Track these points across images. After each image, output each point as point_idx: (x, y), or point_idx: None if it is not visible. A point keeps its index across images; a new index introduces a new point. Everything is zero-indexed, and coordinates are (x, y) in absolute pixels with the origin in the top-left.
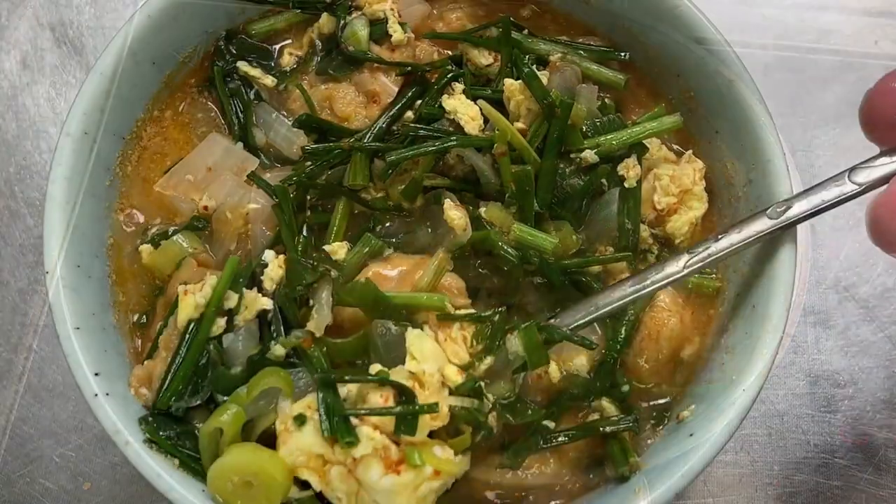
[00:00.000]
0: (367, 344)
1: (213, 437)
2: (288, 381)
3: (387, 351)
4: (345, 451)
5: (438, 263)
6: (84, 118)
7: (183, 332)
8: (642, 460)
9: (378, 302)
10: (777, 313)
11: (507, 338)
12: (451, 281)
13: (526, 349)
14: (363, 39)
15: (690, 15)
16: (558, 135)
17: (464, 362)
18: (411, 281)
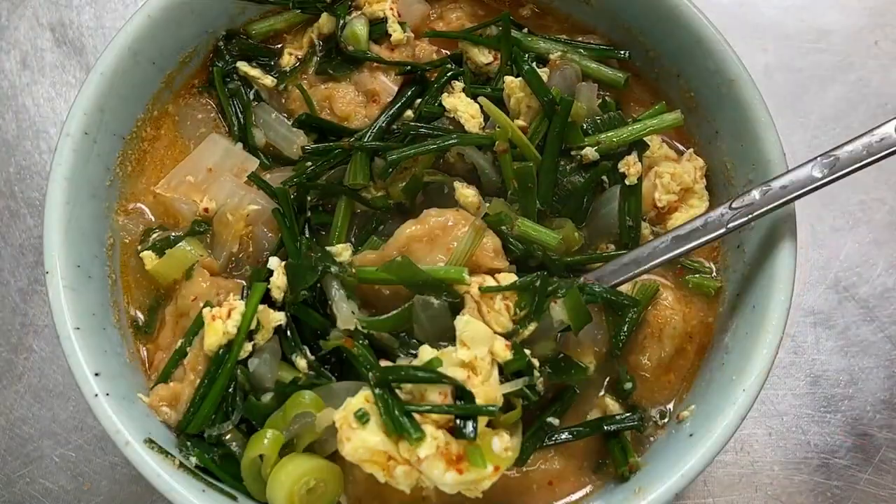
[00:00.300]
0: (409, 317)
1: (255, 463)
2: (318, 403)
3: (432, 325)
4: (410, 449)
5: (473, 230)
6: (84, 118)
7: (212, 358)
8: (642, 460)
9: (416, 277)
10: (777, 313)
11: (552, 306)
12: (487, 241)
13: (570, 314)
14: (363, 39)
15: (690, 15)
16: (559, 132)
17: (508, 330)
18: (451, 234)
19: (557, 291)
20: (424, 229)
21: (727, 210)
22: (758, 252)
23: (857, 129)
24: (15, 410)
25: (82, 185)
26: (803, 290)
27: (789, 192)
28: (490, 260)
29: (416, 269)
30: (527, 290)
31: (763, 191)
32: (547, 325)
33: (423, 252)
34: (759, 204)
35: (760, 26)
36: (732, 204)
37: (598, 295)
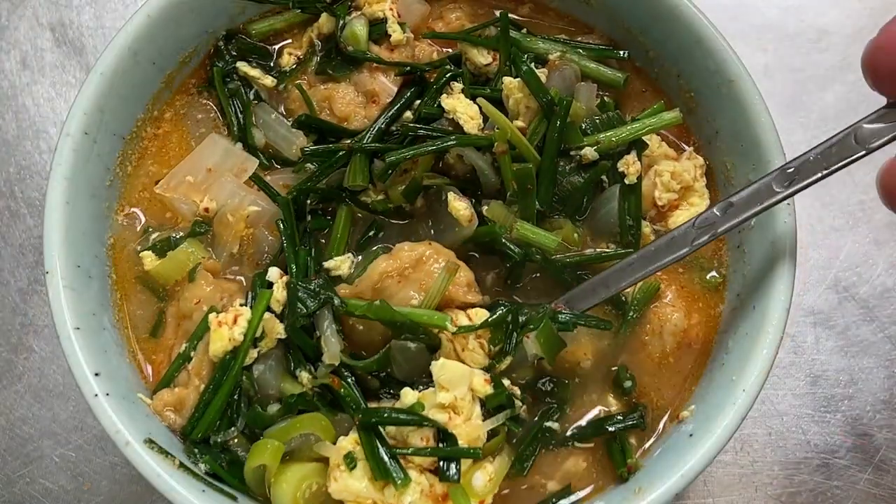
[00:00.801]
0: (389, 359)
1: (257, 470)
2: (330, 429)
3: (409, 365)
4: (396, 494)
5: (446, 270)
6: (84, 118)
7: (218, 364)
8: (642, 460)
9: (394, 320)
10: (777, 313)
11: (525, 340)
12: (461, 275)
13: (544, 348)
14: (362, 39)
15: (690, 15)
16: (558, 132)
17: (483, 366)
18: (423, 270)
19: (529, 325)
20: (396, 265)
21: (691, 229)
22: (758, 252)
23: None
24: (15, 410)
25: (82, 185)
26: (803, 290)
27: (751, 206)
28: (463, 294)
29: (394, 313)
30: (499, 327)
31: (723, 207)
32: (522, 356)
33: (395, 288)
34: (722, 221)
35: (760, 26)
36: (696, 222)
37: (569, 323)
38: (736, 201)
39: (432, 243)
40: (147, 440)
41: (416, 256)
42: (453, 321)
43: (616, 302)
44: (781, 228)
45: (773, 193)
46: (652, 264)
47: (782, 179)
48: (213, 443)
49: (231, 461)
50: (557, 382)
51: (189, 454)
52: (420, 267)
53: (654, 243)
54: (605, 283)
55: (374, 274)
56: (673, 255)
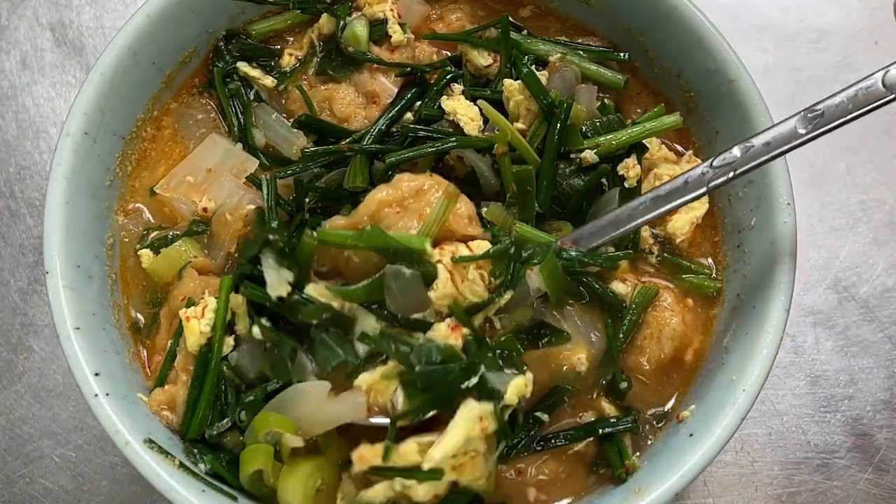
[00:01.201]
0: (381, 287)
1: (255, 477)
2: (283, 421)
3: (403, 295)
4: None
5: (445, 196)
6: (84, 118)
7: (196, 357)
8: (642, 460)
9: (385, 244)
10: (777, 313)
11: (528, 274)
12: (461, 207)
13: (547, 282)
14: (363, 40)
15: (690, 15)
16: (558, 135)
17: (483, 299)
18: (424, 200)
19: (533, 258)
20: (396, 195)
21: (708, 169)
22: (758, 252)
23: (857, 128)
24: (15, 410)
25: (82, 185)
26: (803, 290)
27: (772, 148)
28: (464, 227)
29: (385, 237)
30: (501, 259)
31: (745, 148)
32: (524, 292)
33: (394, 218)
34: (741, 161)
35: (760, 26)
36: (713, 162)
37: (574, 259)
38: (756, 143)
39: (433, 174)
40: (147, 440)
41: (416, 186)
42: (453, 253)
43: (614, 306)
44: (781, 228)
45: (797, 136)
46: (664, 205)
47: (806, 121)
48: (209, 436)
49: (230, 461)
50: (554, 330)
51: (189, 454)
52: (421, 197)
53: (668, 183)
54: (614, 222)
55: (371, 203)
56: (687, 196)
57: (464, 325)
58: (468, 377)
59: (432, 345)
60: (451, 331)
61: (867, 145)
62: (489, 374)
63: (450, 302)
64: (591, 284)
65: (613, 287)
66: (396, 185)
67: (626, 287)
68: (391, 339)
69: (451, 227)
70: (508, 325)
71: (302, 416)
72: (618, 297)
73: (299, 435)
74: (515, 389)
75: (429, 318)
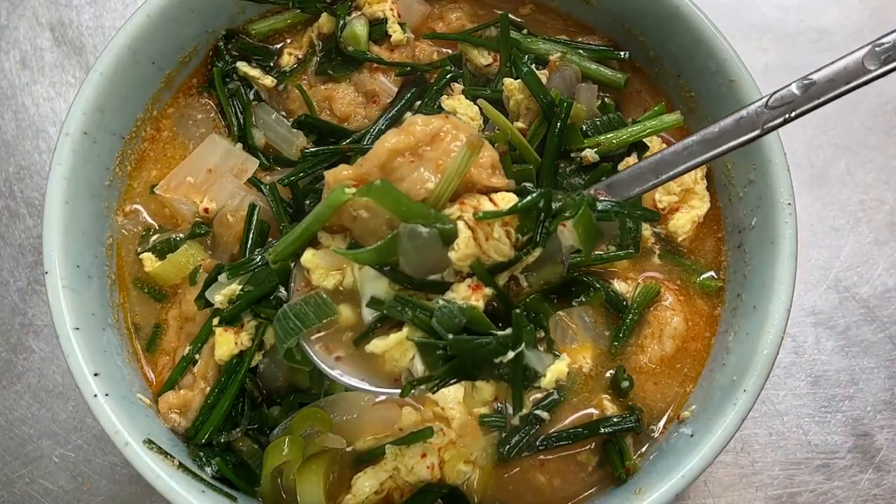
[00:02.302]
0: (394, 248)
1: (275, 471)
2: (327, 419)
3: (420, 256)
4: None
5: (467, 146)
6: (83, 118)
7: (224, 368)
8: (643, 460)
9: (397, 205)
10: (778, 313)
11: (560, 229)
12: (484, 156)
13: (582, 238)
14: (362, 39)
15: (691, 14)
16: (558, 134)
17: (509, 258)
18: (441, 148)
19: (565, 211)
20: (408, 141)
21: (763, 108)
22: (758, 252)
23: (858, 128)
24: (14, 410)
25: (82, 185)
26: (804, 291)
27: (837, 85)
28: (487, 177)
29: (396, 197)
30: (529, 213)
31: (804, 85)
32: (554, 248)
33: (407, 169)
34: (800, 101)
35: (761, 26)
36: (769, 102)
37: (610, 212)
38: (818, 79)
39: (450, 117)
40: (146, 440)
41: (431, 131)
42: (475, 208)
43: (615, 304)
44: (782, 228)
45: (864, 72)
46: (714, 148)
47: (875, 56)
48: (217, 443)
49: (238, 463)
50: (584, 287)
51: (194, 457)
52: (437, 144)
53: (719, 123)
54: (654, 168)
55: (381, 151)
56: (740, 139)
57: (487, 285)
58: (505, 352)
59: (454, 306)
60: (473, 291)
61: (868, 145)
62: (529, 352)
63: (472, 262)
64: (592, 284)
65: (615, 286)
66: (408, 129)
67: (628, 286)
68: (406, 303)
69: (471, 178)
70: (536, 283)
71: (341, 422)
72: (619, 295)
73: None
74: (554, 374)
75: (447, 278)
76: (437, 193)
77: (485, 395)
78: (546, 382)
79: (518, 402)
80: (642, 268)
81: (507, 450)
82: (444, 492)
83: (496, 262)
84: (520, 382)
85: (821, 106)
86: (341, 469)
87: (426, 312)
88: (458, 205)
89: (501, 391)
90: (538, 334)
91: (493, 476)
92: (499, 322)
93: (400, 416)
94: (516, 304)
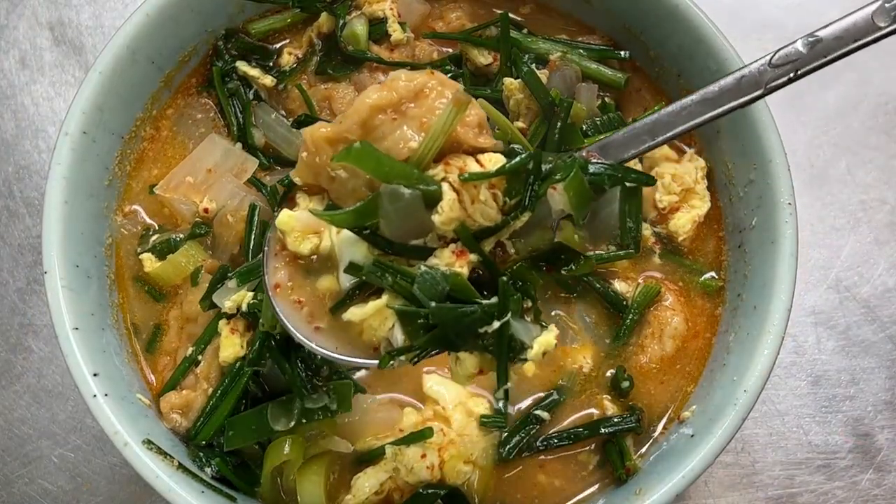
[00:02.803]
0: (375, 209)
1: (275, 471)
2: (332, 421)
3: (401, 219)
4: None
5: (453, 103)
6: (83, 117)
7: (228, 370)
8: (643, 460)
9: (380, 166)
10: (778, 313)
11: (550, 192)
12: (471, 114)
13: (573, 202)
14: (362, 39)
15: (691, 14)
16: (559, 134)
17: (495, 222)
18: (425, 105)
19: (555, 174)
20: (391, 98)
21: (766, 67)
22: (759, 252)
23: (858, 128)
24: (13, 411)
25: (81, 185)
26: (804, 290)
27: (845, 42)
28: (474, 137)
29: (378, 159)
30: (518, 175)
31: (810, 42)
32: (543, 212)
33: (389, 127)
34: (806, 59)
35: (761, 25)
36: (772, 60)
37: (603, 175)
38: (825, 36)
39: (435, 72)
40: (146, 441)
41: (415, 87)
42: (461, 169)
43: (615, 304)
44: (782, 228)
45: (874, 29)
46: (713, 108)
47: (885, 13)
48: (217, 443)
49: (238, 464)
50: (574, 255)
51: (194, 458)
52: (421, 101)
53: (719, 83)
54: (650, 129)
55: (361, 108)
56: (741, 99)
57: (472, 251)
58: (490, 321)
59: (436, 272)
60: (457, 257)
61: (868, 145)
62: (516, 322)
63: (456, 226)
64: (593, 284)
65: (615, 285)
66: (391, 85)
67: (628, 286)
68: (386, 269)
69: (457, 137)
70: (523, 249)
71: (342, 423)
72: (619, 295)
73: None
74: (542, 346)
75: (430, 243)
76: (421, 153)
77: (468, 366)
78: (533, 354)
79: (503, 374)
80: (642, 268)
81: (508, 450)
82: (444, 492)
83: (482, 227)
84: (505, 354)
85: (827, 64)
86: (341, 469)
87: (407, 279)
88: (442, 165)
89: (486, 363)
90: (525, 304)
91: (494, 476)
92: (484, 290)
93: (401, 417)
94: (503, 271)
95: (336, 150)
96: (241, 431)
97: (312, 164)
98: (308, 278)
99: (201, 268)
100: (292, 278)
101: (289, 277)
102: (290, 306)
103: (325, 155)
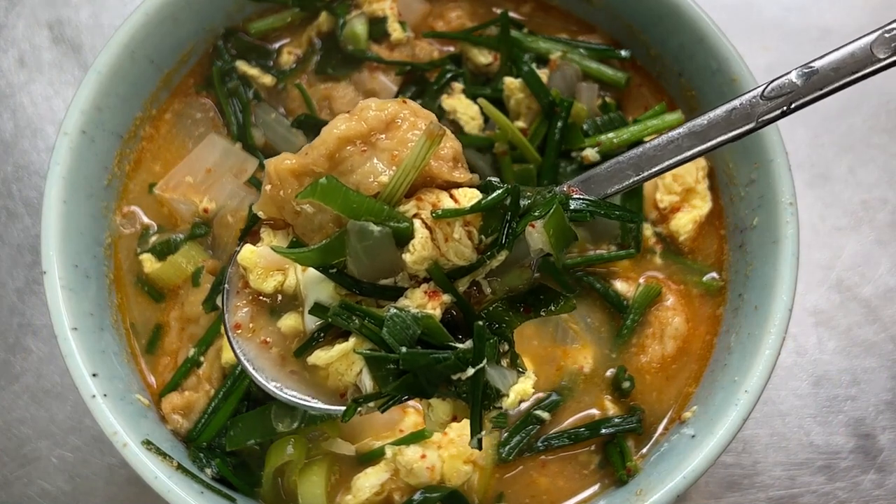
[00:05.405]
0: (342, 247)
1: (277, 472)
2: (334, 423)
3: (370, 258)
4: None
5: (426, 136)
6: (82, 117)
7: (230, 372)
8: (644, 461)
9: (348, 202)
10: (779, 314)
11: (528, 230)
12: (445, 147)
13: (553, 240)
14: (362, 38)
15: (692, 13)
16: (559, 133)
17: (471, 262)
18: (397, 136)
19: (534, 210)
20: (361, 128)
21: (758, 99)
22: (760, 252)
23: (860, 127)
24: (12, 411)
25: (80, 185)
26: (806, 291)
27: (842, 75)
28: (448, 171)
29: (345, 196)
30: (494, 212)
31: (805, 73)
32: (521, 251)
33: (358, 159)
34: (801, 91)
35: (762, 25)
36: (765, 91)
37: (584, 211)
38: (821, 67)
39: (408, 101)
40: (145, 441)
41: (386, 118)
42: (434, 205)
43: (616, 305)
44: (783, 228)
45: (873, 60)
46: (702, 142)
47: (885, 43)
48: (218, 444)
49: (238, 465)
50: (554, 295)
51: (194, 459)
52: (392, 132)
53: (708, 115)
54: (635, 164)
55: (329, 139)
56: (731, 132)
57: (445, 292)
58: (464, 368)
59: (407, 315)
60: (429, 298)
61: (869, 144)
62: (491, 369)
63: (429, 265)
64: (593, 284)
65: (616, 286)
66: (361, 115)
67: (629, 286)
68: (354, 311)
69: (430, 171)
70: (500, 289)
71: (345, 424)
72: (620, 295)
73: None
74: (518, 395)
75: (401, 283)
76: (392, 188)
77: (440, 413)
78: (509, 404)
79: (476, 423)
80: (643, 268)
81: (508, 450)
82: (444, 493)
83: (456, 266)
84: (479, 402)
85: (823, 97)
86: (341, 470)
87: (376, 321)
88: (414, 201)
89: (460, 410)
90: (502, 347)
91: (494, 476)
92: (458, 333)
93: (402, 417)
94: (478, 313)
95: (302, 183)
96: (243, 431)
97: (276, 198)
98: (272, 318)
99: (202, 268)
100: (255, 318)
101: (251, 317)
102: (257, 347)
103: (289, 188)
